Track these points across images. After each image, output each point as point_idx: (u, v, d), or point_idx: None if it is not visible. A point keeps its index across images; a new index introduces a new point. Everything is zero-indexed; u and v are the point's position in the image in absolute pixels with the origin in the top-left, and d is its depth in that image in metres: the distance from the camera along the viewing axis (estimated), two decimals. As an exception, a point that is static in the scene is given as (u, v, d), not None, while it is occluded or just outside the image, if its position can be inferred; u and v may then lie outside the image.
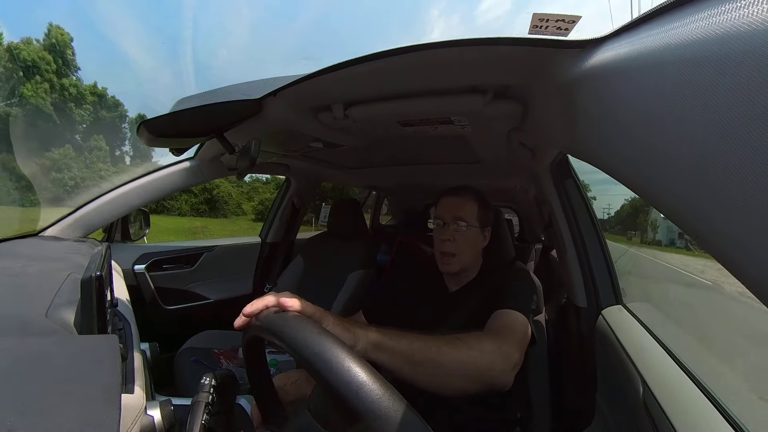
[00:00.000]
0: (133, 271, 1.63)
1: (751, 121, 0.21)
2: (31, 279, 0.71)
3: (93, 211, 1.30)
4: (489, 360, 0.69)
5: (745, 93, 0.21)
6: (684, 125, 0.27)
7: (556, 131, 0.65)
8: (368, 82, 0.84)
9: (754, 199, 0.21)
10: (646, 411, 0.65)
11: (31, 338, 0.47)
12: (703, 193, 0.26)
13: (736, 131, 0.22)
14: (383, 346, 0.58)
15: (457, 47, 0.63)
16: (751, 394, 0.74)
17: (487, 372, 0.69)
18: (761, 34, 0.20)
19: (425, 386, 0.62)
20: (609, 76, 0.41)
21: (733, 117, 0.22)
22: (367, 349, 0.56)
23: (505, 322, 0.84)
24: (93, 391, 0.33)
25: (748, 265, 0.23)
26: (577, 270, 1.15)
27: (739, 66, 0.22)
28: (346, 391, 0.37)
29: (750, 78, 0.21)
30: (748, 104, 0.21)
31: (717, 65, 0.24)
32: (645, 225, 4.20)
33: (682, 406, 0.60)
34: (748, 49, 0.21)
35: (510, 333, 0.80)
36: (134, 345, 0.72)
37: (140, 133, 0.94)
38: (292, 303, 0.51)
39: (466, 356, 0.67)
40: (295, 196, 2.19)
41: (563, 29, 0.62)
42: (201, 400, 0.51)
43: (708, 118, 0.24)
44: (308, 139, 1.28)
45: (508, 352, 0.74)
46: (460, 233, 1.00)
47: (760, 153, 0.21)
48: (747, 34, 0.21)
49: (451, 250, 1.00)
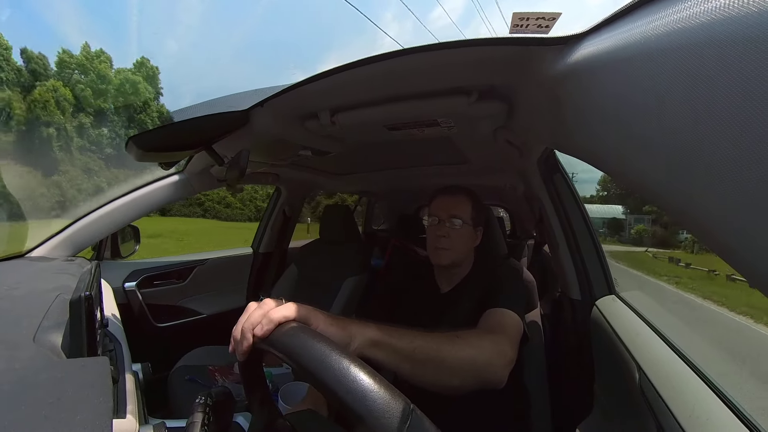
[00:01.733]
0: (124, 288, 1.60)
1: (735, 108, 0.21)
2: (17, 302, 0.69)
3: (81, 230, 1.28)
4: (487, 357, 0.70)
5: (727, 80, 0.22)
6: (667, 115, 0.27)
7: (542, 127, 0.66)
8: (354, 89, 0.84)
9: (741, 187, 0.22)
10: (643, 396, 0.66)
11: (18, 364, 0.46)
12: (689, 182, 0.26)
13: (720, 119, 0.23)
14: (382, 344, 0.57)
15: (440, 50, 0.64)
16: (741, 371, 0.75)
17: (485, 369, 0.70)
18: (739, 21, 0.21)
19: (423, 383, 0.62)
20: (592, 70, 0.41)
21: (716, 104, 0.23)
22: (363, 346, 0.55)
23: (498, 320, 0.86)
24: (83, 418, 0.32)
25: (739, 251, 0.24)
26: (570, 263, 1.16)
27: (719, 53, 0.22)
28: (346, 396, 0.37)
29: (731, 64, 0.21)
30: (731, 91, 0.22)
31: (696, 54, 0.24)
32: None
33: (678, 389, 0.62)
34: (727, 36, 0.22)
35: (503, 330, 0.82)
36: (126, 366, 0.70)
37: (129, 148, 0.93)
38: (281, 314, 0.49)
39: (465, 354, 0.67)
40: (286, 204, 2.18)
41: (544, 26, 0.62)
42: (196, 421, 0.50)
43: (691, 106, 0.25)
44: (297, 147, 1.28)
45: (504, 350, 0.75)
46: (455, 230, 1.02)
47: (744, 140, 0.21)
48: (725, 21, 0.22)
49: (445, 245, 1.02)
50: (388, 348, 0.57)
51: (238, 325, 0.50)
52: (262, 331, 0.47)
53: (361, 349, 0.54)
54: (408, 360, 0.59)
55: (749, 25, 0.20)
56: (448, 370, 0.64)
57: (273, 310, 0.49)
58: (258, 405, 0.56)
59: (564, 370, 1.19)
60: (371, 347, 0.56)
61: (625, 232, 11.36)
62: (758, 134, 0.20)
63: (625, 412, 0.76)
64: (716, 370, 0.62)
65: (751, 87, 0.20)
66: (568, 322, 1.18)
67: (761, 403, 0.56)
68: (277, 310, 0.49)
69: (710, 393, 0.58)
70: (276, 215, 2.19)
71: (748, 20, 0.21)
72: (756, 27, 0.20)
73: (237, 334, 0.50)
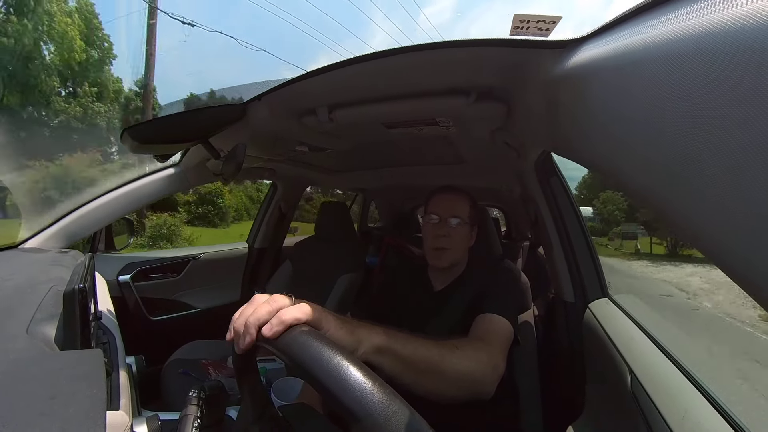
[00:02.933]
0: (118, 281, 1.59)
1: (732, 116, 0.22)
2: (10, 294, 0.68)
3: (76, 221, 1.27)
4: (482, 372, 0.71)
5: (725, 87, 0.22)
6: (665, 121, 0.28)
7: (540, 130, 0.66)
8: (352, 85, 0.84)
9: (738, 196, 0.22)
10: (634, 399, 0.67)
11: (10, 356, 0.45)
12: (686, 189, 0.26)
13: (717, 126, 0.23)
14: (387, 351, 0.56)
15: (439, 49, 0.64)
16: (731, 375, 0.76)
17: (479, 382, 0.71)
18: (738, 31, 0.21)
19: (419, 392, 0.61)
20: (590, 74, 0.41)
21: (713, 112, 0.23)
22: (369, 352, 0.54)
23: (490, 327, 0.86)
24: (76, 410, 0.32)
25: (730, 260, 0.24)
26: (564, 266, 1.17)
27: (715, 61, 0.23)
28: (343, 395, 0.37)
29: (729, 73, 0.22)
30: (729, 99, 0.22)
31: (696, 61, 0.24)
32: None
33: (669, 392, 0.62)
34: (727, 45, 0.22)
35: (496, 339, 0.83)
36: (119, 359, 0.70)
37: (124, 139, 0.93)
38: (292, 315, 0.46)
39: (463, 366, 0.67)
40: (282, 200, 2.18)
41: (544, 29, 0.63)
42: (189, 414, 0.50)
43: (689, 113, 0.25)
44: (294, 143, 1.28)
45: (498, 364, 0.76)
46: (455, 229, 1.02)
47: (742, 148, 0.21)
48: (724, 31, 0.22)
49: (445, 245, 1.02)
50: (393, 355, 0.56)
51: (242, 316, 0.47)
52: (271, 332, 0.44)
53: (367, 355, 0.53)
54: (410, 369, 0.58)
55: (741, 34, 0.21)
56: (446, 381, 0.64)
57: (284, 311, 0.46)
58: (249, 394, 0.55)
59: (556, 371, 1.20)
60: (377, 354, 0.54)
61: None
62: (752, 142, 0.21)
63: (616, 414, 0.76)
64: (707, 374, 0.63)
65: (744, 96, 0.21)
66: (561, 325, 1.19)
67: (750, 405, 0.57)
68: (288, 311, 0.46)
69: (700, 397, 0.59)
70: (272, 211, 2.19)
71: (742, 29, 0.21)
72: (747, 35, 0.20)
73: (239, 326, 0.47)
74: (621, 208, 10.69)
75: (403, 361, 0.57)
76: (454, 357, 0.66)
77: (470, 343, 0.78)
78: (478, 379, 0.70)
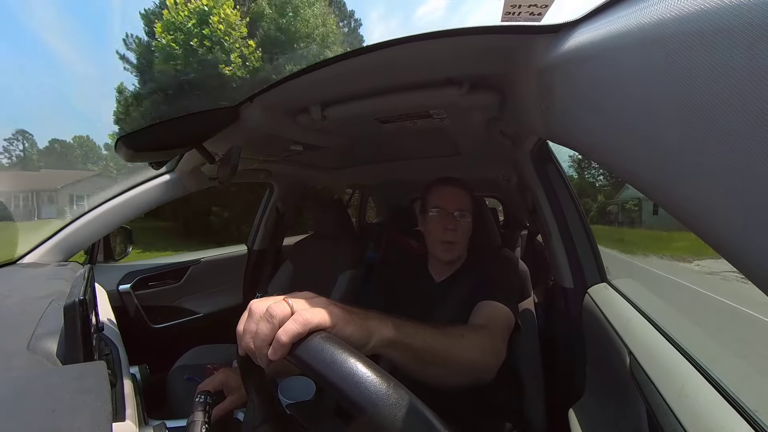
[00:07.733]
0: (118, 291, 1.58)
1: (730, 101, 0.21)
2: (10, 310, 0.68)
3: (73, 233, 1.26)
4: (486, 359, 0.72)
5: (724, 70, 0.21)
6: (662, 105, 0.27)
7: (534, 118, 0.66)
8: (343, 82, 0.83)
9: (729, 181, 0.22)
10: (633, 379, 0.68)
11: (13, 373, 0.45)
12: (681, 174, 0.26)
13: (715, 111, 0.22)
14: (398, 344, 0.55)
15: (429, 40, 0.63)
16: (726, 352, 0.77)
17: (482, 369, 0.72)
18: (743, 9, 0.21)
19: (424, 379, 0.62)
20: (585, 59, 0.41)
21: (711, 96, 0.23)
22: (379, 345, 0.53)
23: (491, 314, 0.87)
24: (82, 423, 0.32)
25: (726, 243, 0.24)
26: (563, 252, 1.17)
27: (715, 43, 0.22)
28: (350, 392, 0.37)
29: (728, 54, 0.21)
30: (729, 83, 0.21)
31: (688, 44, 0.24)
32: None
33: (666, 371, 0.63)
34: (730, 24, 0.21)
35: (497, 326, 0.84)
36: (123, 369, 0.69)
37: (118, 148, 0.91)
38: (292, 333, 0.42)
39: (468, 355, 0.68)
40: (279, 201, 2.16)
41: (536, 14, 0.62)
42: (197, 420, 0.50)
43: (686, 98, 0.24)
44: (288, 142, 1.27)
45: (500, 350, 0.77)
46: (460, 223, 1.03)
47: (739, 130, 0.21)
48: (723, 10, 0.21)
49: (453, 239, 1.03)
50: (402, 347, 0.56)
51: (246, 334, 0.45)
52: (275, 356, 0.42)
53: (377, 349, 0.53)
54: (418, 360, 0.58)
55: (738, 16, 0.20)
56: (451, 369, 0.65)
57: (283, 331, 0.42)
58: (255, 394, 0.55)
59: (557, 355, 1.21)
60: (387, 347, 0.54)
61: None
62: (747, 130, 0.20)
63: (616, 394, 0.78)
64: (704, 354, 0.64)
65: (743, 83, 0.20)
66: (561, 310, 1.20)
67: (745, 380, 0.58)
68: (287, 331, 0.42)
69: (697, 374, 0.60)
70: (269, 212, 2.18)
71: (743, 10, 0.20)
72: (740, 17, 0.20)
73: (247, 347, 0.44)
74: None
75: (413, 353, 0.57)
76: (460, 346, 0.67)
77: (474, 331, 0.79)
78: (482, 366, 0.72)
